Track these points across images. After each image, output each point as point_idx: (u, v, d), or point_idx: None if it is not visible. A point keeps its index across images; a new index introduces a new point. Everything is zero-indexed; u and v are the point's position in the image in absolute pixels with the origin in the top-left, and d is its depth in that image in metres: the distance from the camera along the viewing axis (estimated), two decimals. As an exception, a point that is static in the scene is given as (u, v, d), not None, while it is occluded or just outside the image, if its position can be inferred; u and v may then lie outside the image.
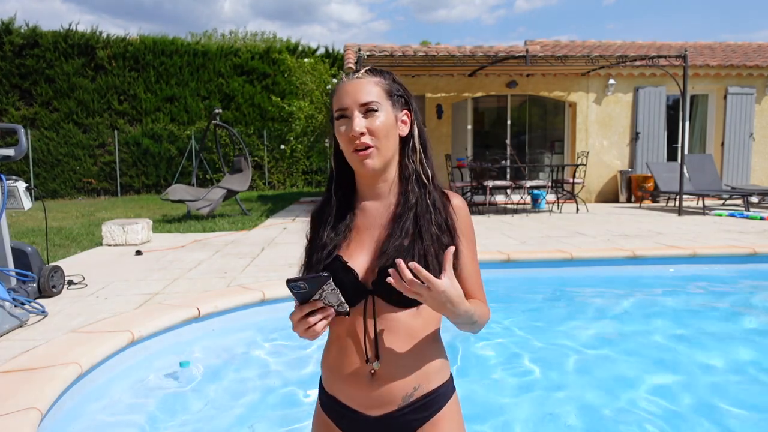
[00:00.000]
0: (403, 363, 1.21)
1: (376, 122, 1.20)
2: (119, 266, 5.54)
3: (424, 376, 1.23)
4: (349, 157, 1.23)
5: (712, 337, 3.92)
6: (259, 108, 19.55)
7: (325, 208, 1.30)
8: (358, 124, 1.18)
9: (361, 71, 1.25)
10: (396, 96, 1.25)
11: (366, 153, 1.19)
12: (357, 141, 1.19)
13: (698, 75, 12.19)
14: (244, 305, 3.92)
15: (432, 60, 10.02)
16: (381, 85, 1.23)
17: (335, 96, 1.24)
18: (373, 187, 1.27)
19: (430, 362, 1.25)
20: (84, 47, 18.30)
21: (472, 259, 1.29)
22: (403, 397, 1.21)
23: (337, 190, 1.29)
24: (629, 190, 12.11)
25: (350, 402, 1.24)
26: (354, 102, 1.20)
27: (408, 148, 1.27)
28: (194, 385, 3.07)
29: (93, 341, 3.00)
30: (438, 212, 1.23)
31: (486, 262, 5.25)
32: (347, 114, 1.21)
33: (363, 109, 1.20)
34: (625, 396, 3.00)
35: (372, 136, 1.19)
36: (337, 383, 1.26)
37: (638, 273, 5.41)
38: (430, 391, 1.24)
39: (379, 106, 1.21)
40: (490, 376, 3.25)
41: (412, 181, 1.25)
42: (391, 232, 1.22)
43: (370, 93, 1.21)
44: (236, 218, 9.61)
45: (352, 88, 1.21)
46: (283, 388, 3.05)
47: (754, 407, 2.84)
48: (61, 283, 4.36)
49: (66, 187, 17.94)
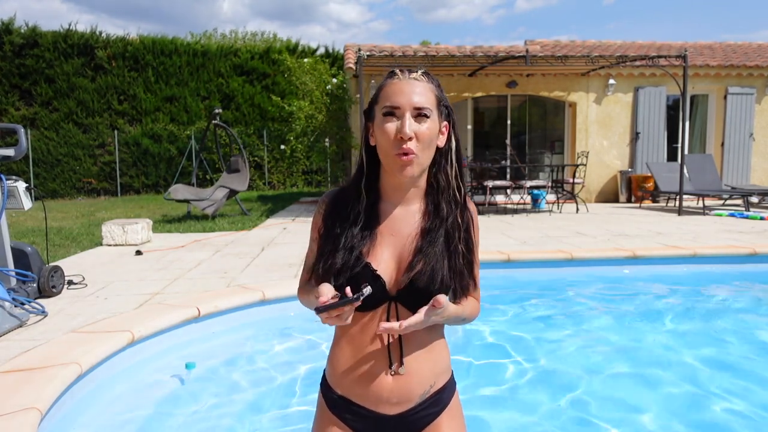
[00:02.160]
0: (422, 364, 1.25)
1: (425, 129, 1.17)
2: (119, 266, 5.53)
3: (437, 375, 1.28)
4: (389, 158, 1.19)
5: (713, 337, 3.92)
6: (259, 108, 19.54)
7: (349, 202, 1.26)
8: (410, 127, 1.15)
9: (419, 72, 1.21)
10: (442, 106, 1.23)
11: (409, 159, 1.17)
12: (404, 145, 1.16)
13: (698, 75, 12.19)
14: (244, 305, 3.92)
15: (432, 60, 10.02)
16: (434, 92, 1.21)
17: (386, 90, 1.20)
18: (401, 192, 1.25)
19: (442, 359, 1.29)
20: (84, 47, 18.29)
21: (477, 260, 1.32)
22: (420, 395, 1.25)
23: (367, 186, 1.26)
24: (629, 190, 12.11)
25: (365, 401, 1.25)
26: (408, 103, 1.17)
27: (443, 161, 1.25)
28: (194, 385, 3.07)
29: (93, 341, 2.99)
30: (467, 231, 1.25)
31: (486, 262, 5.25)
32: (398, 113, 1.17)
33: (415, 112, 1.17)
34: (624, 395, 3.00)
35: (418, 142, 1.17)
36: (350, 383, 1.26)
37: (639, 273, 5.41)
38: (441, 387, 1.29)
39: (431, 113, 1.18)
40: (488, 376, 3.25)
41: (446, 195, 1.24)
42: (421, 246, 1.22)
43: (425, 98, 1.18)
44: (236, 218, 9.60)
45: (408, 88, 1.18)
46: (284, 388, 3.05)
47: (754, 405, 2.84)
48: (61, 283, 4.36)
49: (66, 187, 17.93)
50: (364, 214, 1.24)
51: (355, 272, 1.19)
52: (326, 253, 1.25)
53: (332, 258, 1.23)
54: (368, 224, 1.24)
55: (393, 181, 1.23)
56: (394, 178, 1.22)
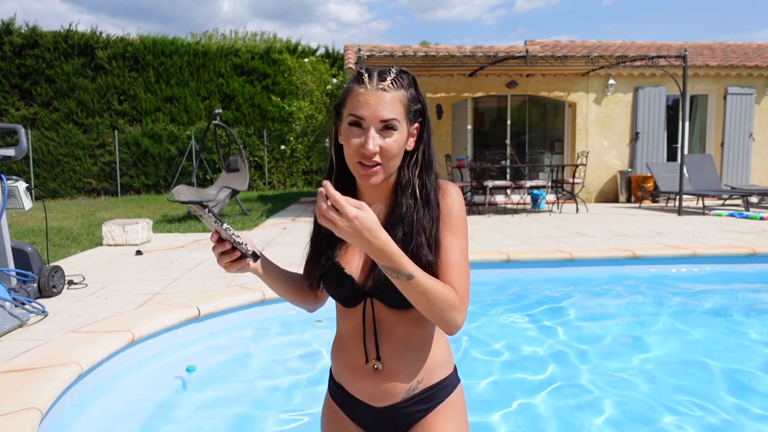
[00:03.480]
0: (405, 360, 1.25)
1: (391, 142, 1.15)
2: (119, 266, 5.53)
3: (426, 371, 1.27)
4: (352, 166, 1.19)
5: (712, 338, 3.92)
6: (259, 108, 19.55)
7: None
8: (373, 143, 1.13)
9: (387, 80, 1.15)
10: (413, 110, 1.20)
11: (373, 171, 1.16)
12: (367, 159, 1.15)
13: (698, 75, 12.19)
14: (244, 305, 3.92)
15: (432, 60, 10.02)
16: (403, 101, 1.16)
17: (352, 99, 1.16)
18: (371, 190, 1.26)
19: (433, 356, 1.28)
20: (84, 47, 18.30)
21: (456, 246, 1.20)
22: (406, 391, 1.25)
23: (337, 182, 1.25)
24: (629, 190, 12.11)
25: (356, 393, 1.29)
26: (374, 116, 1.13)
27: (410, 160, 1.23)
28: (194, 385, 3.07)
29: (93, 341, 2.99)
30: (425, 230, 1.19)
31: (486, 262, 5.25)
32: (363, 125, 1.14)
33: (381, 125, 1.14)
34: (624, 395, 3.00)
35: (383, 156, 1.15)
36: (343, 375, 1.32)
37: (638, 273, 5.41)
38: (432, 384, 1.28)
39: (397, 125, 1.15)
40: (488, 376, 3.25)
41: (407, 193, 1.21)
42: None
43: (392, 110, 1.14)
44: (236, 218, 9.61)
45: (374, 100, 1.13)
46: (285, 388, 3.05)
47: (754, 405, 2.84)
48: (61, 283, 4.36)
49: (66, 187, 17.94)
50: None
51: (325, 271, 1.25)
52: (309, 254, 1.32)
53: (310, 258, 1.31)
54: None
55: (361, 184, 1.23)
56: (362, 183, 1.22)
